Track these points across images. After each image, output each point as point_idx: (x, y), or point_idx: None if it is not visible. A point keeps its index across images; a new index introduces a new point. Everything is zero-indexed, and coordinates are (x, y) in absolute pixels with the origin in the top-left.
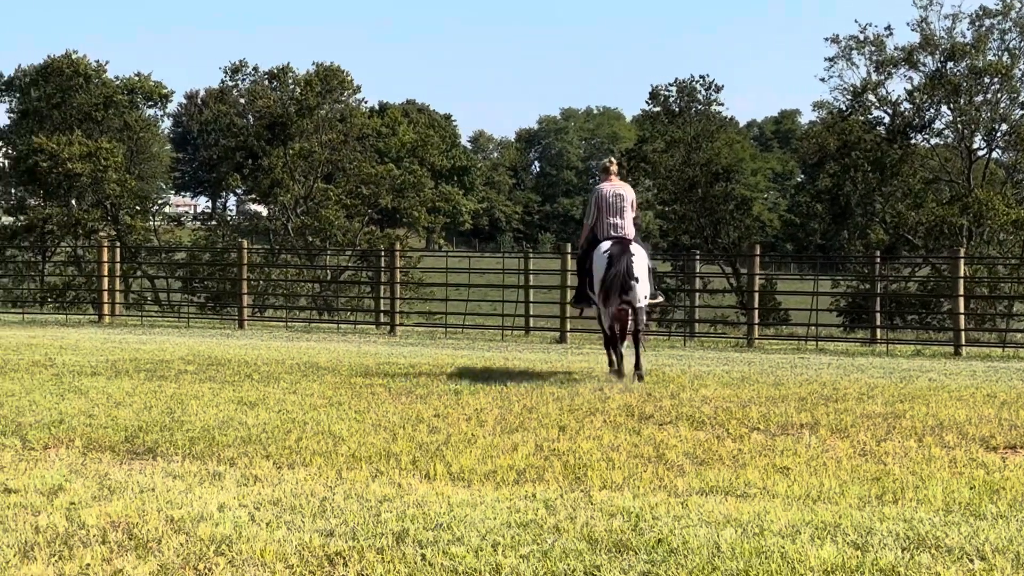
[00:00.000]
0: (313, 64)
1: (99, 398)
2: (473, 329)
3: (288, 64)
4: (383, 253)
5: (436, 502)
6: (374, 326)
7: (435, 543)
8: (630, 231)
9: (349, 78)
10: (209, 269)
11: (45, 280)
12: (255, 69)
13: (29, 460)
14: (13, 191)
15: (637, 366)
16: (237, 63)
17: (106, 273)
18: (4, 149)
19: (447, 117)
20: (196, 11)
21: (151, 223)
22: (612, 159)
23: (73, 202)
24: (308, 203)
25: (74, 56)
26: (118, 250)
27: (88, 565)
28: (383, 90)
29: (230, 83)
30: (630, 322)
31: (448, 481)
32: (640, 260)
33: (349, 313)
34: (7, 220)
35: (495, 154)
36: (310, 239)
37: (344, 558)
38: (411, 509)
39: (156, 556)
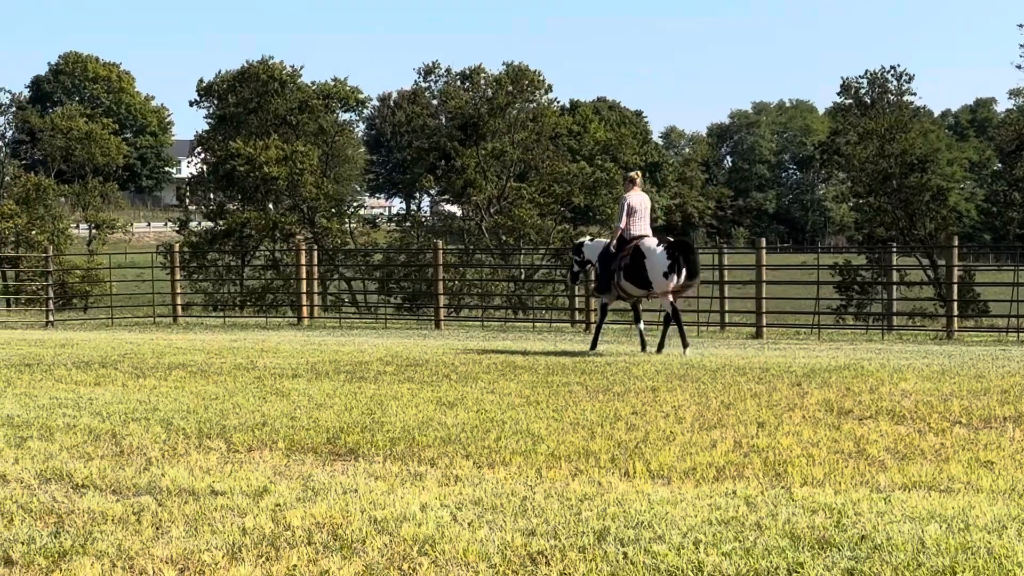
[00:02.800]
0: (504, 64)
1: (300, 400)
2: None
3: (480, 65)
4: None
5: (636, 500)
6: (569, 324)
7: (636, 541)
8: (650, 232)
9: (540, 77)
10: (405, 270)
11: (245, 283)
12: (447, 70)
13: (234, 462)
14: (212, 196)
15: (684, 342)
16: (430, 65)
17: (304, 276)
18: (203, 154)
19: (638, 113)
20: (389, 15)
21: (347, 225)
22: (637, 172)
23: (270, 206)
24: (501, 202)
25: (270, 62)
26: (315, 253)
27: (294, 566)
28: (574, 88)
29: (423, 84)
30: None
31: (648, 479)
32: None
33: (544, 311)
34: (207, 224)
35: (687, 149)
36: (504, 238)
37: (546, 557)
38: (611, 507)
39: (361, 556)
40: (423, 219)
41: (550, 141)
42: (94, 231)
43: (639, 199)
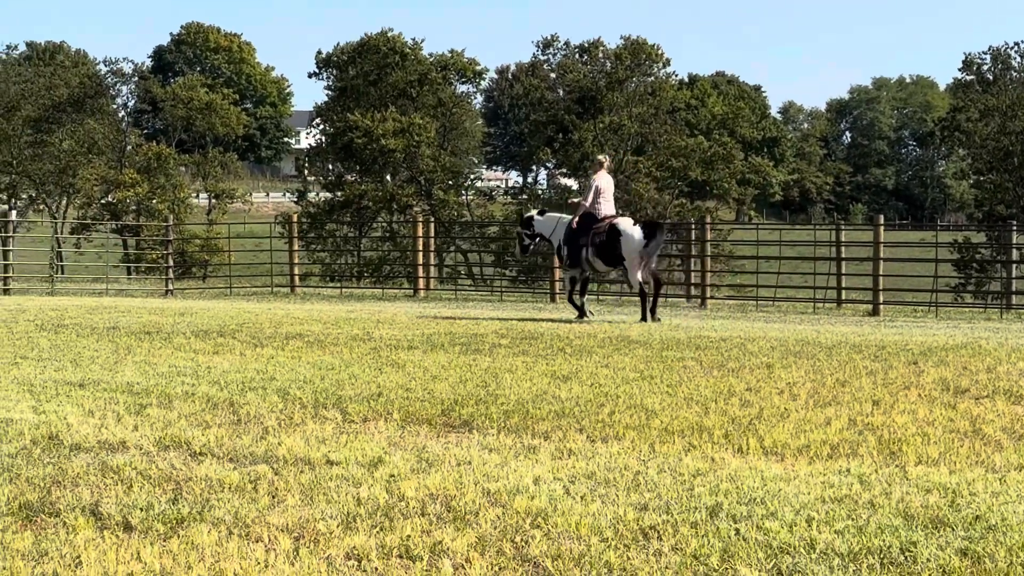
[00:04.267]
0: (622, 38)
1: (416, 371)
2: (784, 302)
3: (599, 38)
4: (693, 226)
5: (749, 476)
6: (684, 299)
7: (749, 517)
8: (615, 212)
9: (659, 51)
10: None
11: (362, 255)
12: (566, 44)
13: (350, 433)
14: (331, 167)
15: (653, 312)
16: (548, 38)
17: (421, 248)
18: (322, 125)
19: (757, 88)
20: None
21: (463, 198)
22: (605, 155)
23: (388, 178)
24: (618, 176)
25: (390, 34)
26: (432, 225)
27: (408, 537)
28: (693, 62)
29: (541, 57)
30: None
31: (761, 455)
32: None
33: None
34: (325, 195)
35: (805, 125)
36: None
37: (658, 532)
38: (724, 483)
39: (474, 528)
40: (539, 192)
41: (668, 115)
42: (214, 201)
43: (607, 181)
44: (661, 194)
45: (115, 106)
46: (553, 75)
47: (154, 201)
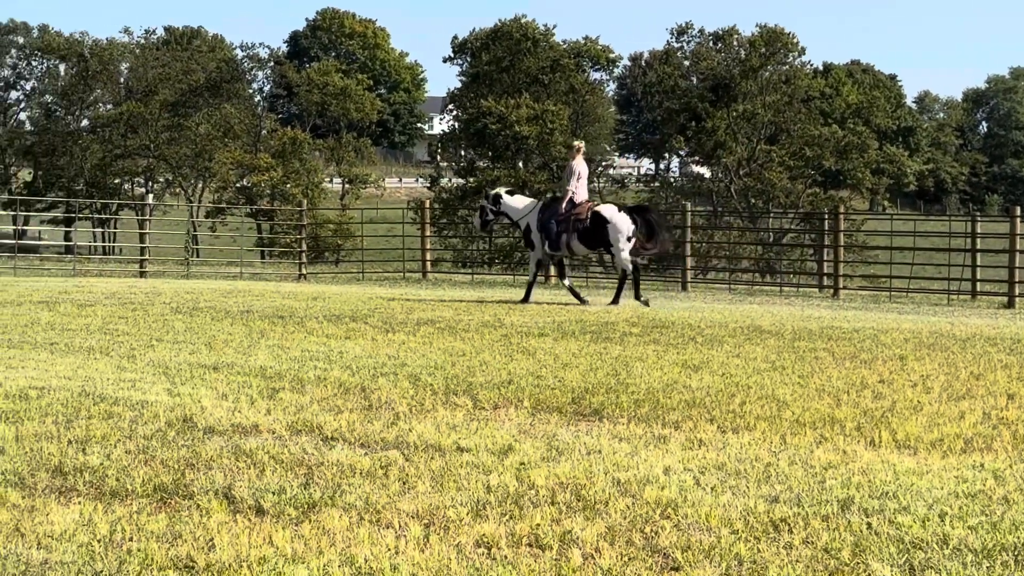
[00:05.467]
0: (757, 26)
1: (546, 359)
2: (917, 293)
3: (734, 26)
4: (827, 215)
5: (881, 470)
6: (817, 289)
7: (881, 512)
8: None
9: (794, 40)
10: None
11: (493, 241)
12: (700, 31)
13: (480, 420)
14: (463, 153)
15: (638, 295)
16: (683, 25)
17: None
18: (455, 111)
19: (892, 77)
20: None
21: (595, 184)
22: (581, 141)
23: (520, 164)
24: (751, 165)
25: (523, 20)
26: None
27: (538, 525)
28: (827, 51)
29: (675, 45)
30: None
31: (893, 448)
32: None
33: (791, 276)
34: (458, 181)
35: (941, 114)
36: (753, 201)
37: (789, 524)
38: (856, 476)
39: (603, 518)
40: (672, 180)
41: (802, 104)
42: (347, 185)
43: (584, 167)
44: (794, 183)
45: (251, 91)
46: (687, 63)
47: (288, 185)
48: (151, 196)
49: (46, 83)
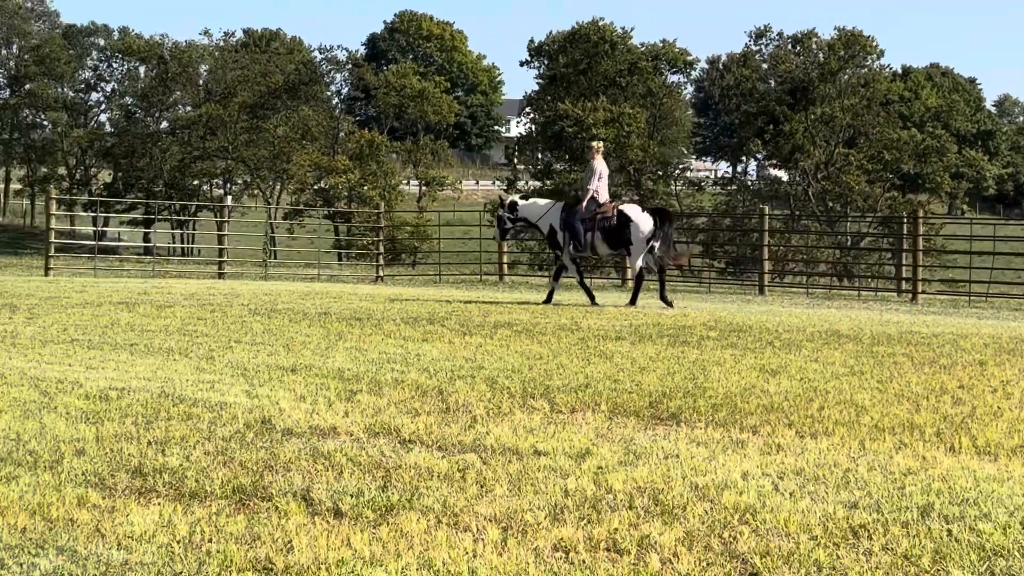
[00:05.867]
0: (836, 29)
1: (623, 362)
2: (997, 298)
3: (812, 29)
4: (905, 219)
5: (961, 476)
6: (895, 293)
7: (961, 519)
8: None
9: (873, 43)
10: (729, 234)
11: None
12: (779, 34)
13: (557, 423)
14: (540, 155)
15: (664, 296)
16: (761, 28)
17: None
18: (532, 114)
19: (971, 80)
20: None
21: (672, 188)
22: (601, 142)
23: None
24: (829, 168)
25: (601, 23)
26: None
27: (615, 530)
28: (906, 54)
29: (753, 48)
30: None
31: (973, 455)
32: None
33: (869, 280)
34: (534, 184)
35: (1021, 118)
36: (830, 205)
37: (868, 531)
38: (936, 483)
39: (681, 523)
40: (749, 183)
41: (880, 107)
42: (424, 188)
43: (604, 166)
44: (872, 187)
45: (329, 93)
46: (765, 66)
47: (365, 188)
48: (229, 198)
49: (126, 85)
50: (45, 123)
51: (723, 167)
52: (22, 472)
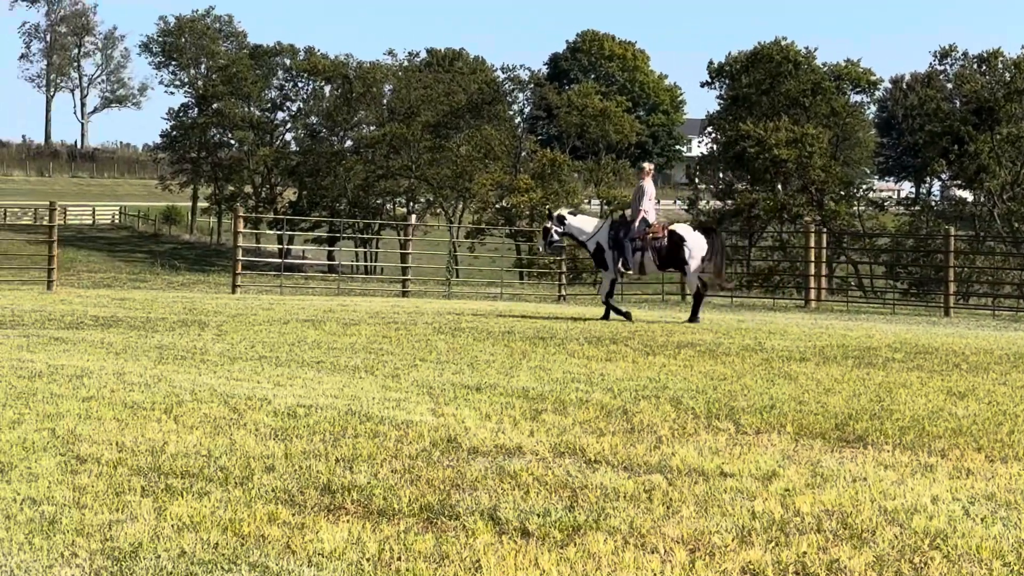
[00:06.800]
0: (1022, 48)
1: (808, 384)
2: None
3: (998, 48)
4: None
5: None
6: None
7: None
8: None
9: None
10: (913, 255)
11: (751, 264)
12: (964, 53)
13: (743, 444)
14: (721, 176)
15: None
16: (946, 48)
17: (812, 258)
18: (713, 134)
19: None
20: None
21: (855, 208)
22: (651, 164)
23: (779, 187)
24: (1015, 189)
25: (783, 43)
26: (824, 235)
27: (804, 553)
28: None
29: (938, 67)
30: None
31: None
32: None
33: None
34: (715, 204)
35: None
36: (1016, 226)
37: None
38: None
39: (871, 547)
40: (933, 203)
41: None
42: (606, 207)
43: (653, 188)
44: None
45: (511, 112)
46: (949, 85)
47: (547, 207)
48: (413, 216)
49: (311, 104)
50: (232, 142)
51: (906, 187)
52: (213, 488)
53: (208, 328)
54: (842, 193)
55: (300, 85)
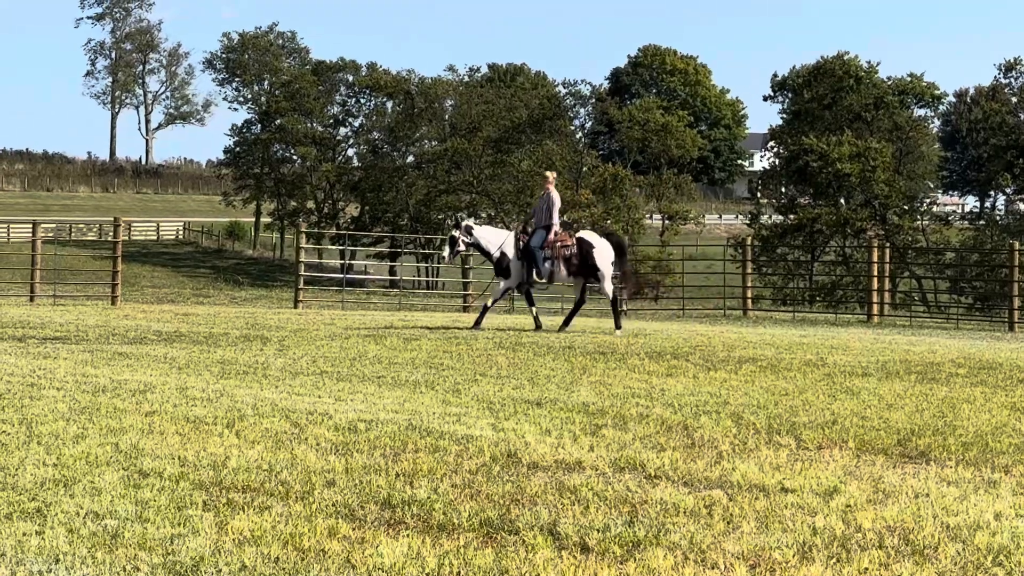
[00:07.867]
0: None
1: (870, 399)
2: None
3: None
4: None
5: None
6: None
7: None
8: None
9: None
10: (977, 269)
11: (814, 278)
12: None
13: (804, 460)
14: (784, 190)
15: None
16: (1011, 60)
17: (875, 273)
18: (776, 148)
19: None
20: (970, 9)
21: (918, 222)
22: (554, 172)
23: (842, 201)
24: None
25: (846, 57)
26: (887, 250)
27: (866, 570)
28: None
29: (1003, 81)
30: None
31: None
32: None
33: None
34: (777, 218)
35: None
36: None
37: None
38: None
39: (933, 564)
40: (997, 218)
41: None
42: (667, 222)
43: (558, 196)
44: None
45: (572, 127)
46: (1014, 99)
47: (608, 221)
48: None
49: (373, 120)
50: (295, 157)
51: (971, 201)
52: (274, 502)
53: (270, 343)
54: (905, 207)
55: (362, 101)
